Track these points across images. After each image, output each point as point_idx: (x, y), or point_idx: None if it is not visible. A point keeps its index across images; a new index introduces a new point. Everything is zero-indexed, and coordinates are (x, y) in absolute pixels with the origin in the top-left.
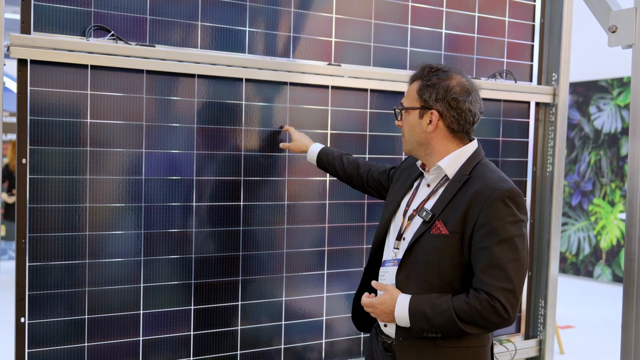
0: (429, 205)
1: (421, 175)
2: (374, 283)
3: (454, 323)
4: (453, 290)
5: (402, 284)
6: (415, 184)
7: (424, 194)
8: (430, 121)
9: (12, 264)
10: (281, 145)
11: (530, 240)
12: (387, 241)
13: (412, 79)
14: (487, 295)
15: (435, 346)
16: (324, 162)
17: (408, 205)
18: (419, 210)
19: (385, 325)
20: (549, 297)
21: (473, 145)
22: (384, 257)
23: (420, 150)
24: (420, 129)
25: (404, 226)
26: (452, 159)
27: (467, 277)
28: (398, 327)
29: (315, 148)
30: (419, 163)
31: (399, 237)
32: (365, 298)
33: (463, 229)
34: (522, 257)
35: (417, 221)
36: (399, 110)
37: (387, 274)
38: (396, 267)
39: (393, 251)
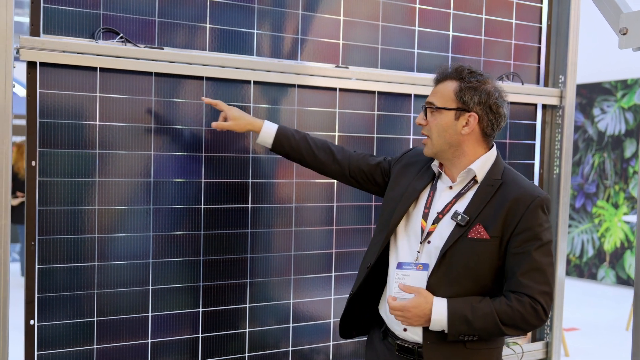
0: (459, 208)
1: (434, 176)
2: (401, 286)
3: (495, 326)
4: (485, 293)
5: (433, 287)
6: (430, 186)
7: (447, 197)
8: (467, 123)
9: (16, 266)
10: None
11: None
12: (399, 241)
13: (443, 78)
14: (530, 298)
15: (465, 348)
16: (284, 145)
17: (427, 207)
18: (448, 213)
19: (405, 330)
20: (556, 300)
21: (495, 150)
22: (400, 259)
23: (449, 152)
24: (454, 130)
25: (427, 229)
26: (482, 163)
27: (498, 281)
28: (426, 331)
29: (270, 128)
30: (435, 164)
31: (423, 240)
32: (394, 301)
33: (502, 233)
34: (554, 261)
35: (447, 225)
36: (430, 109)
37: (409, 278)
38: (421, 271)
39: (415, 254)
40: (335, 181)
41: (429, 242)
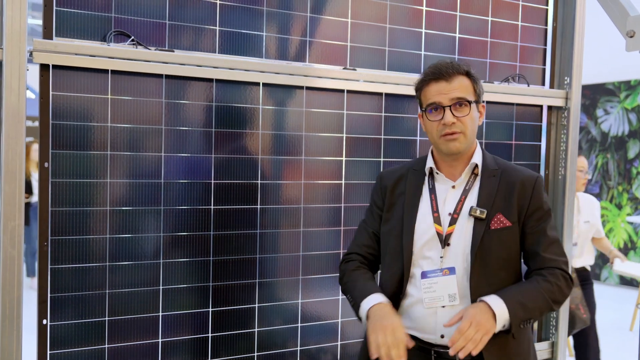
0: (471, 203)
1: (423, 177)
2: (446, 325)
3: (546, 303)
4: (517, 279)
5: (475, 290)
6: (426, 191)
7: (454, 196)
8: (480, 114)
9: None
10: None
11: None
12: (418, 253)
13: (455, 74)
14: (560, 270)
15: (512, 338)
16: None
17: (435, 211)
18: (461, 211)
19: (442, 336)
20: None
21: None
22: (424, 267)
23: (472, 147)
24: (476, 122)
25: (444, 232)
26: (479, 154)
27: (520, 263)
28: None
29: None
30: (431, 164)
31: (443, 244)
32: (459, 333)
33: (518, 217)
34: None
35: (465, 223)
36: (457, 105)
37: (437, 285)
38: (449, 276)
39: (438, 260)
40: (343, 182)
41: (448, 244)
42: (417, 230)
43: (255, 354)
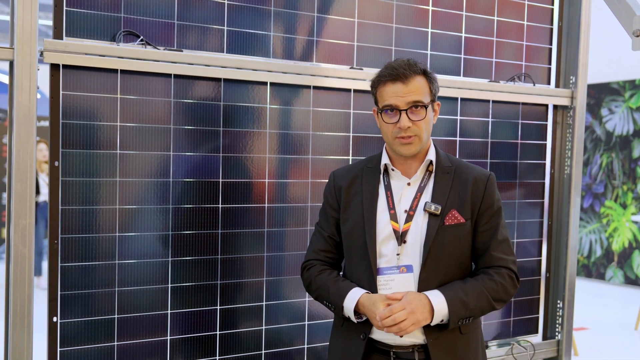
0: (426, 200)
1: (379, 174)
2: (388, 295)
3: (488, 302)
4: (466, 274)
5: (425, 283)
6: (381, 189)
7: (410, 193)
8: (435, 112)
9: None
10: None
11: (548, 242)
12: (375, 251)
13: (411, 75)
14: (507, 270)
15: (461, 334)
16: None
17: (391, 207)
18: (417, 208)
19: (401, 336)
20: (567, 299)
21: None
22: (380, 265)
23: (426, 146)
24: (431, 123)
25: (401, 229)
26: (433, 152)
27: (471, 259)
28: (427, 329)
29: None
30: (386, 162)
31: (400, 241)
32: (389, 312)
33: (472, 213)
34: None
35: (421, 219)
36: (413, 108)
37: (394, 282)
38: (406, 274)
39: (394, 257)
40: None
41: (405, 241)
42: (377, 227)
43: (263, 351)
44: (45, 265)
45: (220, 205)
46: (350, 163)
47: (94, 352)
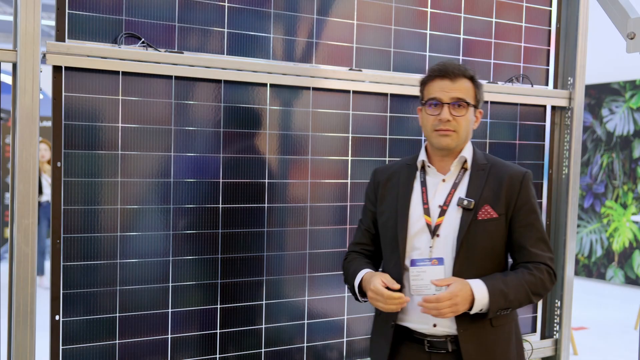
0: (460, 196)
1: (415, 171)
2: (435, 282)
3: (526, 295)
4: (501, 270)
5: (457, 276)
6: (417, 185)
7: (444, 189)
8: (477, 119)
9: None
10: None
11: None
12: (409, 244)
13: (460, 75)
14: (545, 265)
15: (492, 327)
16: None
17: (425, 202)
18: (450, 203)
19: (434, 325)
20: (565, 298)
21: None
22: (413, 257)
23: (463, 145)
24: (471, 125)
25: (434, 223)
26: (469, 151)
27: (506, 255)
28: (460, 319)
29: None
30: (423, 158)
31: (432, 234)
32: (438, 294)
33: (506, 209)
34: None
35: (454, 214)
36: (456, 105)
37: (425, 274)
38: (437, 266)
39: (427, 250)
40: (349, 181)
41: (438, 235)
42: (410, 221)
43: (263, 350)
44: (47, 264)
45: (220, 205)
46: (389, 162)
47: (96, 350)
